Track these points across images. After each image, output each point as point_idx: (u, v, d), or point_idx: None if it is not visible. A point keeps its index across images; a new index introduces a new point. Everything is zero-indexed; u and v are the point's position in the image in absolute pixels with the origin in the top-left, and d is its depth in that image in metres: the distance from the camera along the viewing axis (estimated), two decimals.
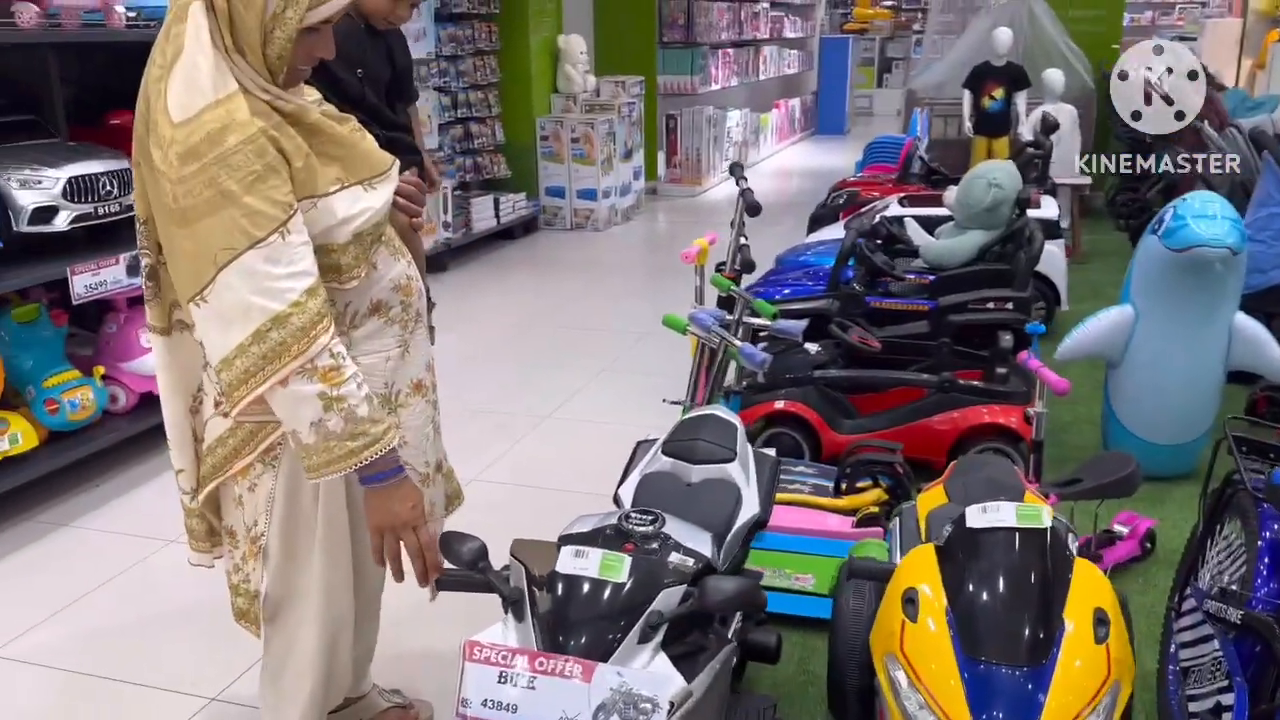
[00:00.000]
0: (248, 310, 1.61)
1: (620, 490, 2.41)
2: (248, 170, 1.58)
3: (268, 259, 1.59)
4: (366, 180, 1.79)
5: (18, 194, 3.55)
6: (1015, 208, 4.50)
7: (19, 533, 3.54)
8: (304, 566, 1.96)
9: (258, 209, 1.58)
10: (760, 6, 13.86)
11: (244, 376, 1.65)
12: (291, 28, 1.64)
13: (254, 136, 1.59)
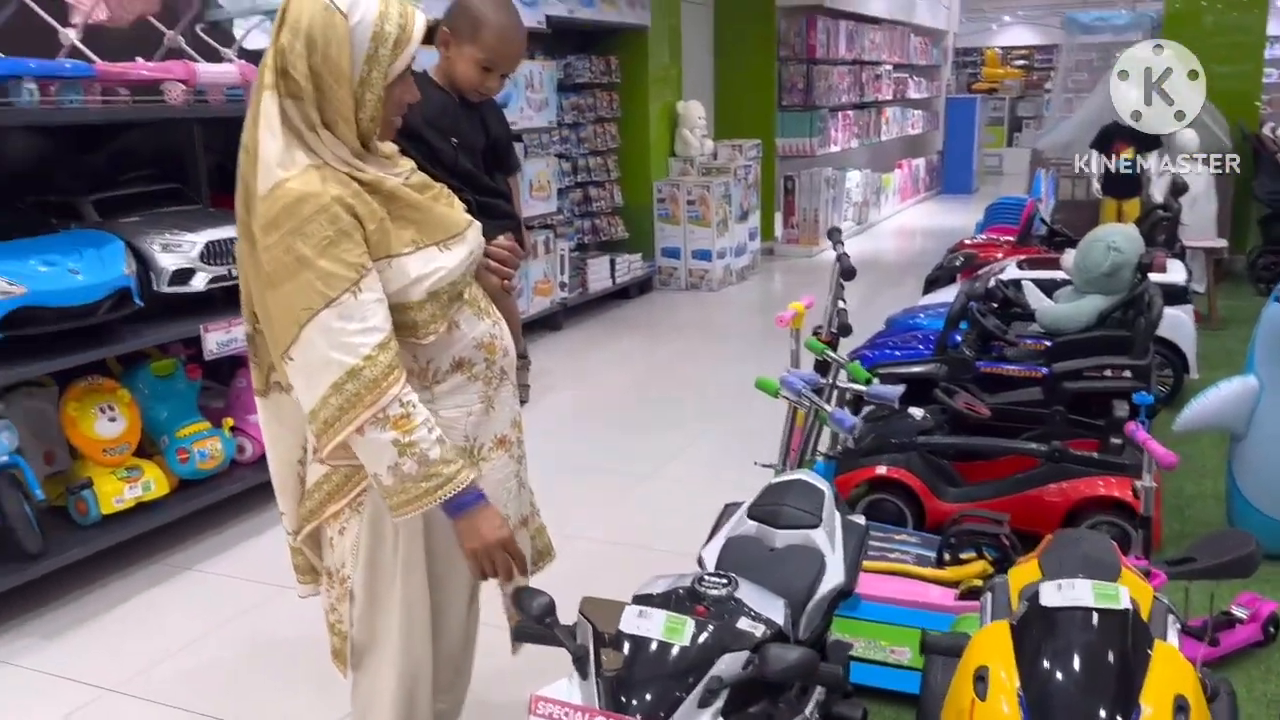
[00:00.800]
0: (326, 364, 1.74)
1: (704, 552, 2.41)
2: (321, 236, 1.72)
3: (341, 316, 1.73)
4: (441, 241, 1.89)
5: (160, 257, 3.84)
6: (1136, 272, 4.35)
7: (148, 574, 3.75)
8: (386, 611, 2.04)
9: (331, 271, 1.72)
10: (882, 69, 13.85)
11: (324, 426, 1.78)
12: (379, 87, 1.79)
13: (327, 205, 1.73)
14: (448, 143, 2.41)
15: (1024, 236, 6.69)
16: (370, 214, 1.79)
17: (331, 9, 1.75)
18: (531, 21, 6.90)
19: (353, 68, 1.76)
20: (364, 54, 1.77)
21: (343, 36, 1.74)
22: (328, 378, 1.74)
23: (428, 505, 1.83)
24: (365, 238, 1.78)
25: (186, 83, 3.87)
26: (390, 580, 2.03)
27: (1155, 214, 6.36)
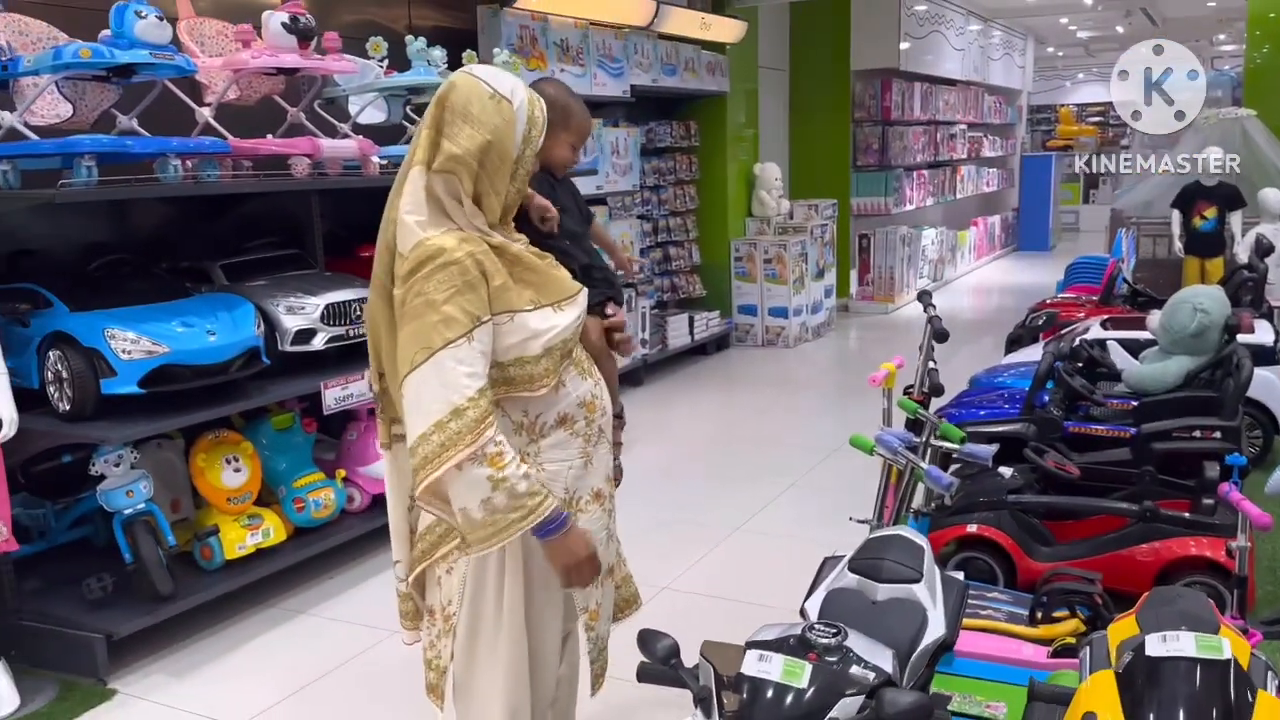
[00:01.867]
0: (434, 400, 1.90)
1: (806, 604, 2.52)
2: (449, 285, 1.91)
3: (454, 358, 1.90)
4: (556, 302, 2.09)
5: (284, 318, 4.11)
6: (1224, 333, 4.38)
7: (266, 617, 3.97)
8: (488, 648, 2.20)
9: (452, 316, 1.91)
10: (957, 129, 13.96)
11: (424, 461, 1.91)
12: (529, 163, 2.08)
13: (459, 259, 1.93)
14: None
15: (1106, 296, 6.71)
16: (497, 271, 1.99)
17: (498, 98, 1.99)
18: (617, 91, 7.20)
19: (514, 146, 2.02)
20: (521, 135, 2.03)
21: (510, 121, 2.00)
22: (435, 414, 1.90)
23: (514, 534, 1.97)
24: (489, 293, 1.97)
25: (311, 156, 4.17)
26: (494, 618, 2.19)
27: (1240, 274, 6.34)
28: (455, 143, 1.98)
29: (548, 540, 2.05)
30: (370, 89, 4.78)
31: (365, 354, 4.43)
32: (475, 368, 1.93)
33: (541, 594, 2.22)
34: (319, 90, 4.63)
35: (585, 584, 2.14)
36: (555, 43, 6.54)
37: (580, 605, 2.30)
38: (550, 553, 2.07)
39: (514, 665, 2.23)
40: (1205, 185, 7.87)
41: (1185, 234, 7.95)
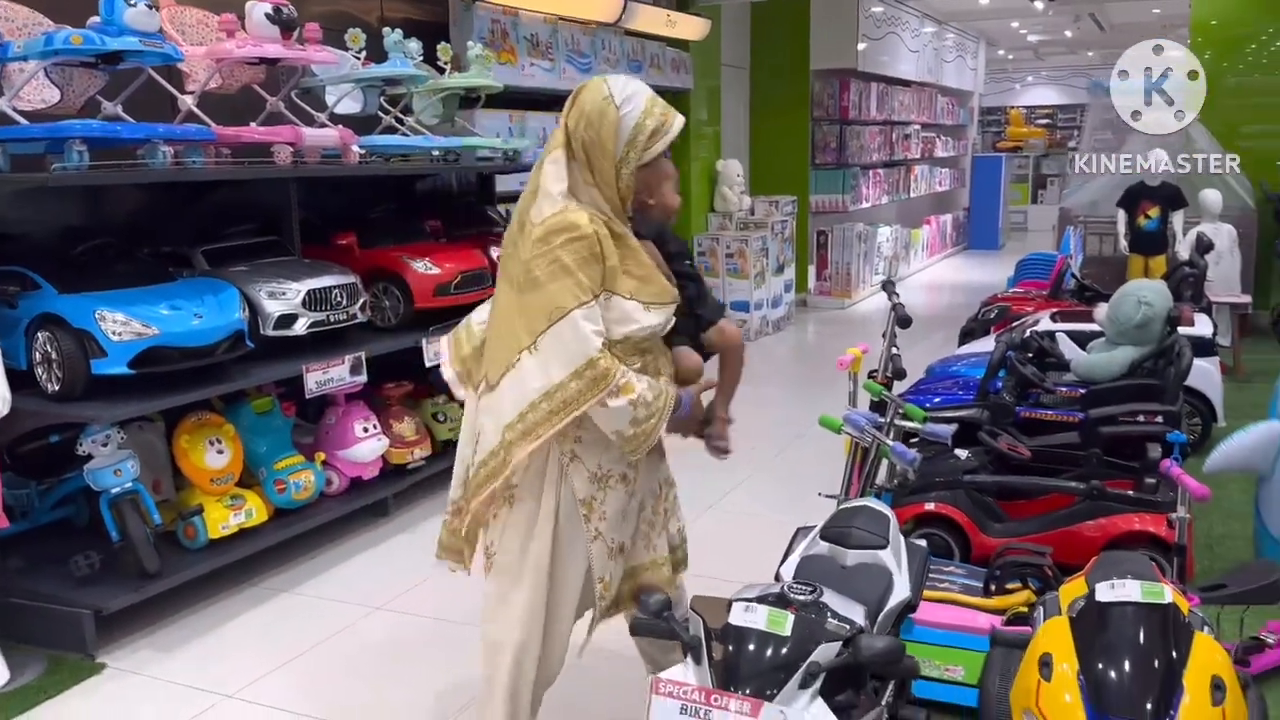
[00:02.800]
0: (572, 355, 2.24)
1: (781, 569, 2.70)
2: (580, 255, 2.24)
3: (585, 317, 2.24)
4: (648, 302, 2.36)
5: (266, 303, 4.20)
6: (1166, 324, 4.63)
7: (250, 596, 4.07)
8: (506, 595, 2.48)
9: (583, 282, 2.24)
10: (911, 129, 14.27)
11: (563, 405, 2.25)
12: (633, 165, 2.32)
13: (588, 234, 2.25)
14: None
15: (1055, 291, 6.98)
16: (611, 252, 2.30)
17: (609, 100, 2.30)
18: None
19: (616, 147, 2.30)
20: (626, 139, 2.31)
21: (612, 123, 2.30)
22: (571, 365, 2.23)
23: (659, 432, 2.39)
24: (604, 270, 2.28)
25: (294, 145, 4.26)
26: (517, 569, 2.45)
27: (1182, 270, 6.64)
28: (574, 134, 2.32)
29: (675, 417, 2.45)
30: (348, 79, 4.88)
31: (346, 339, 4.58)
32: (600, 325, 2.27)
33: (564, 564, 2.46)
34: (298, 80, 4.71)
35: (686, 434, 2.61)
36: (525, 37, 6.66)
37: (597, 575, 2.50)
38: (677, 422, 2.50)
39: (528, 619, 2.46)
40: (1149, 186, 8.18)
41: (1130, 232, 8.25)
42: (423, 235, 5.37)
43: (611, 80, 2.36)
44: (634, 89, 2.34)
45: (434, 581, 4.17)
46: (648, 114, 2.32)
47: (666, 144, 2.36)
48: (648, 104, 2.33)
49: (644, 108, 2.32)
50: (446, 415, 5.22)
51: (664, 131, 2.34)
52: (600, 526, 2.44)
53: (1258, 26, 9.27)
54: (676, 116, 2.38)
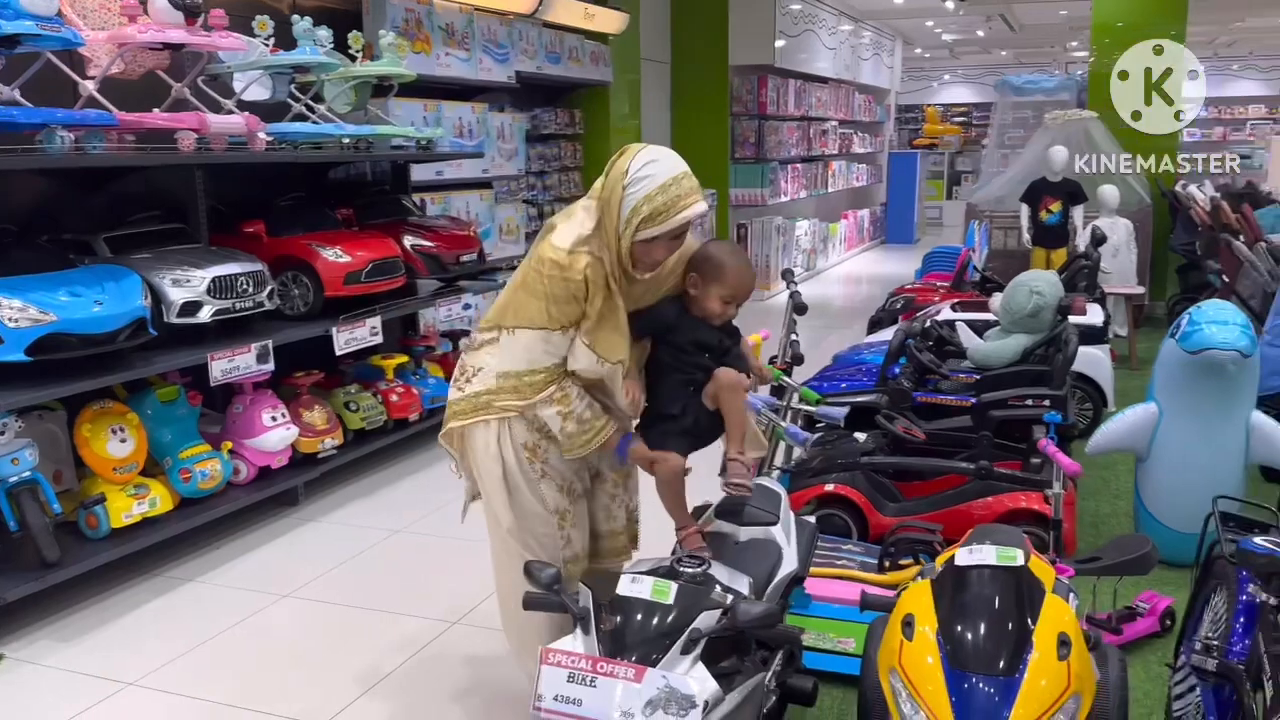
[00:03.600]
0: (532, 358, 2.53)
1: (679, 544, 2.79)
2: (562, 291, 2.45)
3: (545, 339, 2.51)
4: (601, 357, 2.52)
5: (170, 291, 4.16)
6: (1056, 314, 4.84)
7: (154, 585, 4.04)
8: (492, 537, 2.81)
9: (553, 313, 2.48)
10: (829, 125, 14.53)
11: (512, 389, 2.55)
12: (629, 238, 2.45)
13: (574, 279, 2.44)
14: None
15: (958, 282, 7.21)
16: (595, 302, 2.48)
17: (623, 176, 2.44)
18: (501, 77, 7.36)
19: (619, 215, 2.45)
20: (628, 211, 2.43)
21: (619, 196, 2.44)
22: (527, 364, 2.53)
23: (592, 447, 2.60)
24: (580, 312, 2.48)
25: (198, 131, 4.22)
26: (490, 516, 2.77)
27: (1078, 262, 6.91)
28: (600, 190, 2.50)
29: (620, 459, 2.71)
30: (256, 66, 4.84)
31: (252, 327, 4.55)
32: (556, 350, 2.51)
33: (521, 502, 2.68)
34: (203, 66, 4.66)
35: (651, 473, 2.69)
36: (440, 27, 6.65)
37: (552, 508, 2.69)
38: (630, 459, 2.72)
39: (502, 565, 2.79)
40: (1051, 181, 8.48)
41: (1033, 226, 8.56)
42: (333, 223, 5.35)
43: (643, 154, 2.45)
44: (651, 171, 2.42)
45: (343, 569, 4.19)
46: (649, 199, 2.41)
47: (668, 229, 2.44)
48: (655, 190, 2.41)
49: (647, 192, 2.41)
50: (358, 404, 5.22)
51: (665, 218, 2.41)
52: (545, 467, 2.64)
53: (1157, 28, 9.65)
54: (690, 206, 2.43)
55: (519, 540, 2.70)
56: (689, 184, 2.46)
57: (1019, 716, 1.87)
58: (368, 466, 5.37)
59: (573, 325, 2.51)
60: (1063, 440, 4.04)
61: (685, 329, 2.63)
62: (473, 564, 4.10)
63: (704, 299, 2.60)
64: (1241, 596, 2.41)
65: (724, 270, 2.56)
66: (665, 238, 2.47)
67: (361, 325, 5.04)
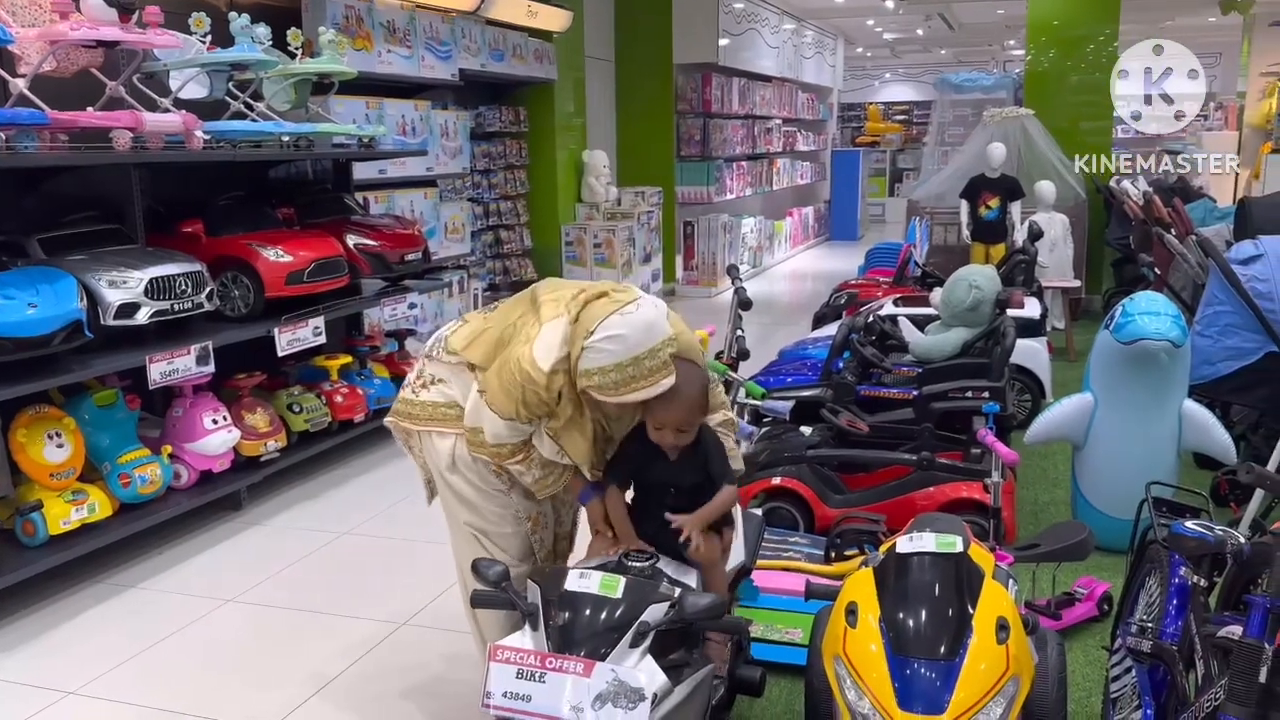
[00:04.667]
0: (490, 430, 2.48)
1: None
2: (528, 400, 2.40)
3: (510, 427, 2.46)
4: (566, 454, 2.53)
5: (106, 292, 4.08)
6: (995, 307, 4.94)
7: (94, 592, 3.95)
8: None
9: (524, 414, 2.43)
10: (773, 123, 14.65)
11: (480, 444, 2.51)
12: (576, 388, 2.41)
13: (544, 397, 2.39)
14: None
15: (899, 278, 7.32)
16: (564, 415, 2.45)
17: (586, 335, 2.34)
18: (445, 74, 7.31)
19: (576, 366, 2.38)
20: (582, 371, 2.36)
21: (578, 349, 2.36)
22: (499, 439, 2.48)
23: (557, 489, 2.61)
24: (553, 413, 2.45)
25: (133, 130, 4.14)
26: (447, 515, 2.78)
27: (1015, 257, 7.05)
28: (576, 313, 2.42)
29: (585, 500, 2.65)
30: (192, 64, 4.76)
31: (191, 329, 4.49)
32: (521, 435, 2.47)
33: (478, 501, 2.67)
34: (139, 64, 4.57)
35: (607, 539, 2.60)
36: (381, 24, 6.60)
37: (523, 514, 2.70)
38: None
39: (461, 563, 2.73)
40: (989, 178, 8.64)
41: (972, 222, 8.71)
42: (274, 223, 5.28)
43: (610, 322, 2.33)
44: (610, 347, 2.31)
45: (288, 573, 4.15)
46: (603, 372, 2.33)
47: (621, 403, 2.38)
48: (610, 366, 2.32)
49: (601, 365, 2.33)
50: (302, 406, 5.16)
51: (615, 394, 2.34)
52: (512, 479, 2.62)
53: (1090, 28, 9.88)
54: (645, 389, 2.32)
55: (483, 541, 2.68)
56: (651, 364, 2.32)
57: (959, 699, 1.92)
58: (312, 469, 5.31)
59: (534, 421, 2.48)
60: (1002, 431, 4.14)
61: (650, 468, 2.55)
62: (420, 565, 4.10)
63: (647, 422, 2.49)
64: (1174, 580, 2.48)
65: (659, 399, 2.39)
66: (618, 405, 2.43)
67: (304, 326, 4.98)
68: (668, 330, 2.38)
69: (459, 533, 2.75)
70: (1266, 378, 4.25)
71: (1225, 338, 4.24)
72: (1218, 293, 4.21)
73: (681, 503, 2.52)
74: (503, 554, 2.67)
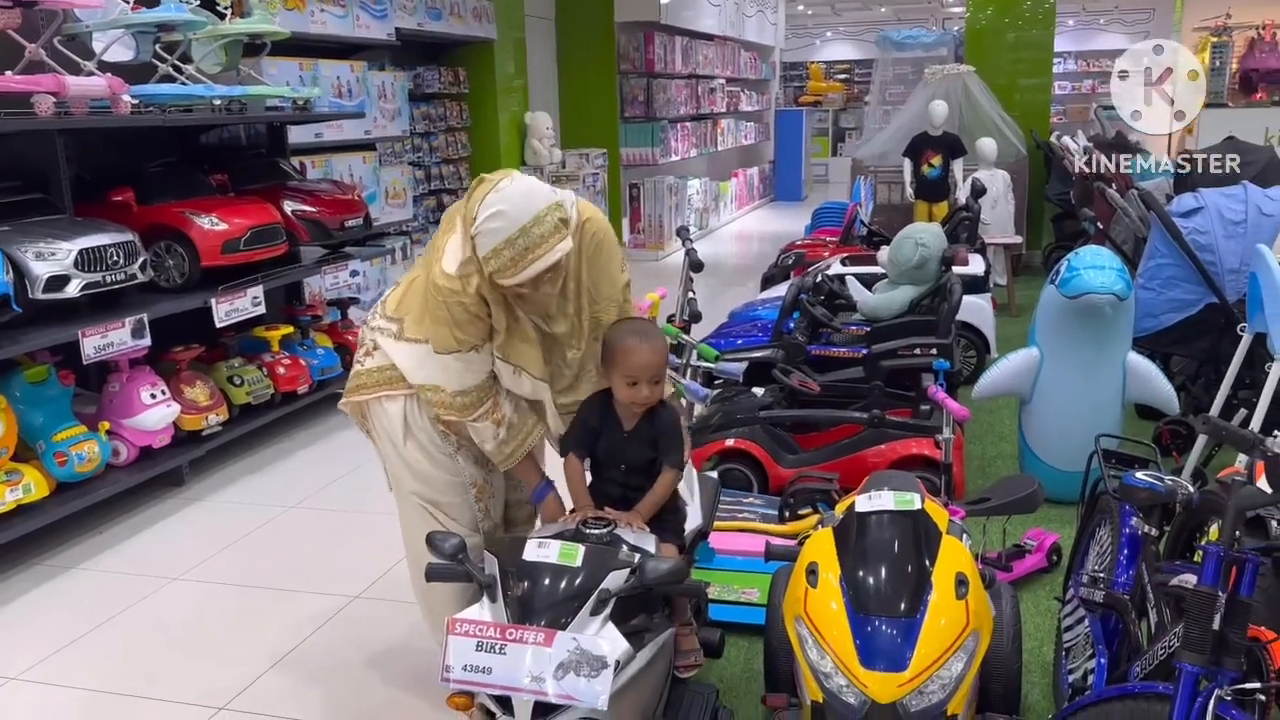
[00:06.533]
0: (450, 378, 2.48)
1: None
2: (456, 317, 2.40)
3: (460, 360, 2.46)
4: (515, 365, 2.51)
5: (34, 265, 3.92)
6: (941, 264, 4.96)
7: (33, 574, 3.84)
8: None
9: (460, 336, 2.43)
10: (716, 83, 14.55)
11: (439, 404, 2.50)
12: (490, 282, 2.34)
13: (467, 302, 2.38)
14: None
15: (846, 237, 7.34)
16: (500, 317, 2.43)
17: (471, 224, 2.30)
18: (380, 34, 7.12)
19: (477, 257, 2.33)
20: (481, 258, 2.31)
21: (472, 242, 2.33)
22: (451, 385, 2.48)
23: (519, 456, 2.59)
24: (489, 328, 2.44)
25: (56, 95, 3.97)
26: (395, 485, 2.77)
27: (959, 214, 7.09)
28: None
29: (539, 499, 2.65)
30: (116, 25, 4.57)
31: (126, 301, 4.34)
32: (477, 370, 2.48)
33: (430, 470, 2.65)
34: (59, 25, 4.37)
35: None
36: None
37: (469, 481, 2.69)
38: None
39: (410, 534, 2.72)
40: (932, 136, 8.67)
41: (915, 180, 8.75)
42: (208, 190, 5.12)
43: (490, 199, 2.27)
44: (495, 225, 2.25)
45: (235, 549, 4.06)
46: (496, 253, 2.26)
47: (525, 280, 2.29)
48: (501, 244, 2.25)
49: (494, 246, 2.26)
50: (243, 378, 5.03)
51: (514, 272, 2.27)
52: (460, 439, 2.61)
53: None
54: (541, 258, 2.25)
55: (433, 512, 2.66)
56: (539, 231, 2.25)
57: (921, 655, 1.92)
58: (256, 442, 5.20)
59: (486, 342, 2.46)
60: (950, 387, 4.17)
61: (602, 442, 2.53)
62: (371, 537, 4.04)
63: (614, 388, 2.49)
64: (1125, 530, 2.52)
65: (615, 352, 2.43)
66: (530, 283, 2.32)
67: (242, 296, 4.85)
68: (551, 196, 2.32)
69: (407, 504, 2.72)
70: (1206, 329, 4.35)
71: (1167, 290, 4.32)
72: (1160, 245, 4.27)
73: (633, 480, 2.53)
74: (453, 524, 2.66)
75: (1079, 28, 20.76)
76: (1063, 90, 18.95)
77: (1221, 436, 1.91)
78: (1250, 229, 4.19)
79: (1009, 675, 2.39)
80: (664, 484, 2.50)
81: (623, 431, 2.52)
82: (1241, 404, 4.03)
